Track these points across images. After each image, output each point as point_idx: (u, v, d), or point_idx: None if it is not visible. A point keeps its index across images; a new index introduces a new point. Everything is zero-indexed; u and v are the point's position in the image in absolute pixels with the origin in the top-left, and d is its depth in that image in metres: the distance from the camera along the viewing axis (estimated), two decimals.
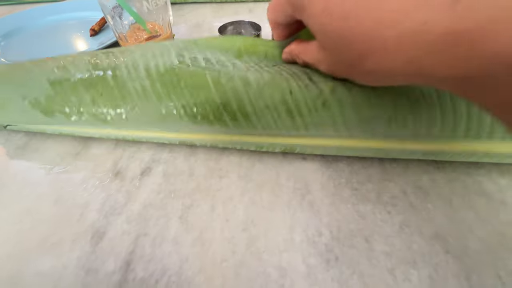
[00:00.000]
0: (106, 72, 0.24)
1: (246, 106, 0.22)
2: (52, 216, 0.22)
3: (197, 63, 0.23)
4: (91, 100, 0.24)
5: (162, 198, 0.23)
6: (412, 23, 0.13)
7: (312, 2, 0.17)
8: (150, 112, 0.24)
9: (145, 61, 0.23)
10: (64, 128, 0.27)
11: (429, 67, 0.13)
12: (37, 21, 0.47)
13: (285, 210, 0.22)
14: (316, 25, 0.17)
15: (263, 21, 0.47)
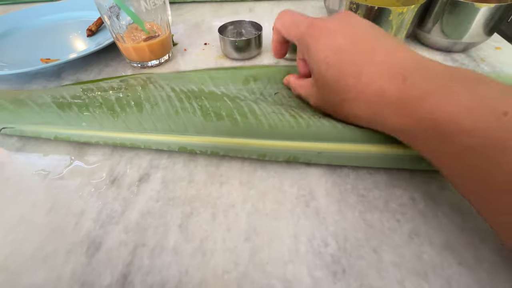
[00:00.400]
0: (136, 86, 0.28)
1: (256, 110, 0.24)
2: (47, 225, 0.21)
3: (215, 93, 0.28)
4: (116, 98, 0.26)
5: (161, 206, 0.22)
6: (378, 88, 0.19)
7: (317, 49, 0.22)
8: (167, 110, 0.25)
9: (171, 87, 0.28)
10: (60, 131, 0.26)
11: (386, 119, 0.19)
12: (32, 21, 0.46)
13: (289, 218, 0.21)
14: (315, 67, 0.22)
15: (264, 20, 0.46)
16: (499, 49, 0.37)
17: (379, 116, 0.19)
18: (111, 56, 0.39)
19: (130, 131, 0.25)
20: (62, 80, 0.36)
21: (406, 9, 0.31)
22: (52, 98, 0.26)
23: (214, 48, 0.40)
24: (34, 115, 0.26)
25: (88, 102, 0.26)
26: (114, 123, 0.25)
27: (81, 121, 0.26)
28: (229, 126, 0.24)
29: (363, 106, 0.20)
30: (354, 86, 0.20)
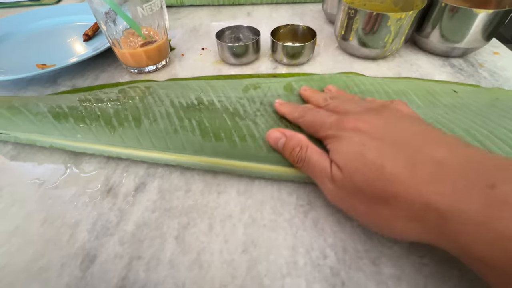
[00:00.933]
0: (135, 99, 0.27)
1: (255, 133, 0.24)
2: (41, 237, 0.21)
3: (214, 105, 0.28)
4: (114, 111, 0.26)
5: (157, 217, 0.21)
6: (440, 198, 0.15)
7: (349, 144, 0.18)
8: (166, 127, 0.25)
9: (170, 98, 0.28)
10: (55, 141, 0.25)
11: (461, 242, 0.14)
12: (28, 26, 0.46)
13: (287, 229, 0.20)
14: (344, 163, 0.18)
15: (262, 24, 0.46)
16: (497, 54, 0.37)
17: (447, 237, 0.14)
18: (108, 61, 0.39)
19: (126, 146, 0.24)
20: (58, 86, 0.35)
21: (405, 15, 0.31)
22: (48, 108, 0.26)
23: (212, 53, 0.40)
24: (29, 124, 0.25)
25: (85, 113, 0.26)
26: (110, 137, 0.25)
27: (76, 133, 0.25)
28: (227, 147, 0.24)
29: (411, 221, 0.15)
30: (399, 192, 0.15)
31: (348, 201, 0.18)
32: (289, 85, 0.31)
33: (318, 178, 0.19)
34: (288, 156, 0.22)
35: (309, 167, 0.20)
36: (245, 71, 0.36)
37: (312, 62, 0.37)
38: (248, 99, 0.29)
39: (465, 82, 0.33)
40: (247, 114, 0.27)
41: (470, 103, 0.28)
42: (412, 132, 0.18)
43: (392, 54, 0.37)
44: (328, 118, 0.21)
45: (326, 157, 0.19)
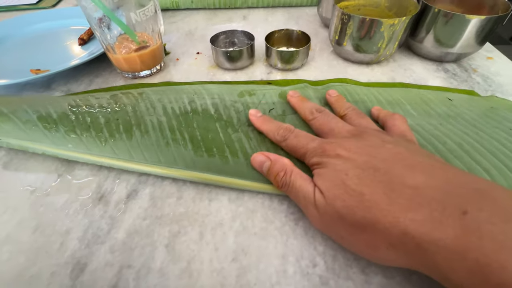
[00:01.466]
0: (126, 106, 0.27)
1: (247, 149, 0.25)
2: (32, 245, 0.21)
3: (208, 112, 0.28)
4: (105, 121, 0.26)
5: (148, 225, 0.21)
6: (413, 224, 0.15)
7: (332, 170, 0.19)
8: (157, 140, 0.25)
9: (162, 104, 0.28)
10: (47, 149, 0.25)
11: (440, 270, 0.14)
12: (23, 30, 0.46)
13: (277, 237, 0.20)
14: (327, 190, 0.18)
15: (257, 28, 0.46)
16: (490, 59, 0.37)
17: (426, 264, 0.15)
18: (103, 66, 0.39)
19: (117, 157, 0.24)
20: (52, 91, 0.35)
21: (398, 20, 0.31)
22: (37, 115, 0.26)
23: (207, 58, 0.40)
24: (19, 132, 0.25)
25: (75, 123, 0.25)
26: (101, 148, 0.25)
27: (67, 143, 0.25)
28: (219, 163, 0.24)
29: (391, 248, 0.15)
30: (378, 219, 0.15)
31: (330, 227, 0.18)
32: (284, 93, 0.31)
33: (302, 203, 0.20)
34: (272, 180, 0.22)
35: (293, 191, 0.20)
36: (240, 76, 0.36)
37: (307, 67, 0.37)
38: (243, 103, 0.29)
39: (459, 87, 0.33)
40: (240, 124, 0.27)
41: (464, 112, 0.28)
42: (394, 157, 0.18)
43: (386, 59, 0.37)
44: (311, 143, 0.21)
45: (310, 181, 0.20)
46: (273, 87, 0.32)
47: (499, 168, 0.22)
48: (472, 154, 0.23)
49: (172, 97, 0.30)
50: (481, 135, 0.25)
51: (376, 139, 0.20)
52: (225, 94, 0.31)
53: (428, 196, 0.15)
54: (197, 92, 0.31)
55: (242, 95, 0.31)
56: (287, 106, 0.29)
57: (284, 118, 0.28)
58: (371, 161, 0.18)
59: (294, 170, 0.21)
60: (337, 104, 0.28)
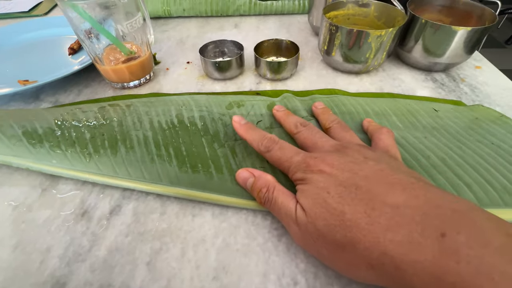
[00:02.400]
0: (113, 121, 0.27)
1: (232, 165, 0.25)
2: (11, 263, 0.20)
3: (195, 126, 0.28)
4: (90, 136, 0.26)
5: (130, 241, 0.21)
6: (391, 245, 0.15)
7: (314, 186, 0.18)
8: (142, 156, 0.25)
9: (149, 117, 0.28)
10: (32, 165, 0.25)
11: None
12: (13, 39, 0.45)
13: (259, 254, 0.20)
14: (308, 205, 0.18)
15: (248, 36, 0.46)
16: (479, 68, 0.37)
17: (404, 286, 0.14)
18: (92, 76, 0.39)
19: (101, 174, 0.24)
20: (40, 102, 0.35)
21: (385, 32, 0.31)
22: (22, 130, 0.26)
23: (197, 67, 0.40)
24: (3, 147, 0.25)
25: (60, 139, 0.25)
26: (85, 164, 0.25)
27: (52, 159, 0.25)
28: (203, 180, 0.24)
29: (371, 268, 0.15)
30: (358, 238, 0.15)
31: (312, 245, 0.18)
32: (272, 104, 0.31)
33: (284, 220, 0.20)
34: (256, 196, 0.22)
35: (275, 208, 0.20)
36: (229, 86, 0.36)
37: (296, 77, 0.37)
38: (231, 116, 0.29)
39: (447, 97, 0.33)
40: (227, 138, 0.27)
41: (449, 124, 0.28)
42: (375, 175, 0.18)
43: (375, 69, 0.38)
44: (295, 157, 0.21)
45: (292, 198, 0.20)
46: (262, 98, 0.32)
47: (480, 183, 0.22)
48: (455, 169, 0.23)
49: (160, 109, 0.30)
50: (464, 149, 0.25)
51: (358, 155, 0.20)
52: (214, 106, 0.31)
53: (408, 216, 0.15)
54: (185, 103, 0.31)
55: (230, 107, 0.31)
56: (275, 119, 0.29)
57: (271, 131, 0.28)
58: (352, 177, 0.18)
59: (276, 187, 0.21)
60: (322, 116, 0.28)
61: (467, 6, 0.36)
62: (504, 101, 0.32)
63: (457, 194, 0.22)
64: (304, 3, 0.53)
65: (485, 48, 0.37)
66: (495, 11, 0.33)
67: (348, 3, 0.38)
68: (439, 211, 0.15)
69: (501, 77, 0.36)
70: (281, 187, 0.21)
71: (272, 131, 0.28)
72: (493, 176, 0.23)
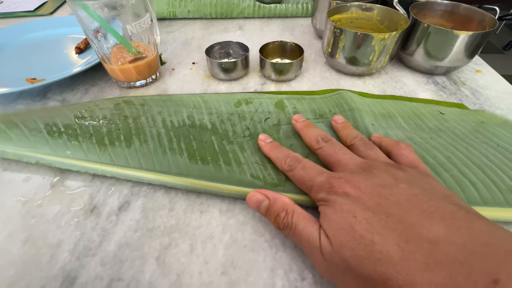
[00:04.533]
0: (128, 118, 0.28)
1: (240, 158, 0.25)
2: (22, 257, 0.21)
3: (205, 126, 0.29)
4: (107, 131, 0.27)
5: (139, 237, 0.22)
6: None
7: (338, 211, 0.17)
8: (155, 148, 0.26)
9: (162, 117, 0.29)
10: (42, 157, 0.26)
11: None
12: (21, 38, 0.46)
13: (267, 250, 0.21)
14: (333, 233, 0.16)
15: (252, 38, 0.47)
16: (479, 72, 0.38)
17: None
18: (99, 75, 0.39)
19: (113, 164, 0.25)
20: (48, 100, 0.35)
21: (388, 35, 0.32)
22: (44, 124, 0.27)
23: (202, 68, 0.40)
24: (22, 138, 0.26)
25: (78, 132, 0.26)
26: (99, 155, 0.25)
27: (67, 149, 0.26)
28: (212, 171, 0.24)
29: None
30: (390, 275, 0.14)
31: (338, 277, 0.16)
32: (280, 102, 0.31)
33: (306, 247, 0.18)
34: (272, 221, 0.20)
35: (296, 235, 0.18)
36: (234, 86, 0.37)
37: (300, 78, 0.38)
38: (239, 115, 0.30)
39: (448, 100, 0.34)
40: (236, 136, 0.27)
41: (456, 126, 0.28)
42: (409, 201, 0.16)
43: (378, 71, 0.38)
44: (318, 177, 0.20)
45: (315, 222, 0.18)
46: (270, 96, 0.33)
47: (485, 182, 0.23)
48: (461, 167, 0.24)
49: (172, 109, 0.31)
50: (470, 150, 0.25)
51: (388, 176, 0.18)
52: (223, 105, 0.31)
53: (450, 254, 0.13)
54: (196, 105, 0.31)
55: (239, 104, 0.31)
56: (283, 115, 0.30)
57: (279, 128, 0.29)
58: (383, 204, 0.16)
59: (296, 210, 0.19)
60: (343, 132, 0.26)
61: (468, 11, 0.37)
62: (505, 104, 0.33)
63: (462, 192, 0.22)
64: (308, 6, 0.53)
65: (483, 53, 0.38)
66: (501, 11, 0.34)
67: (352, 7, 0.39)
68: (488, 251, 0.13)
69: (501, 81, 0.37)
70: (301, 210, 0.19)
71: (280, 129, 0.28)
72: (498, 176, 0.23)
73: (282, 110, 0.31)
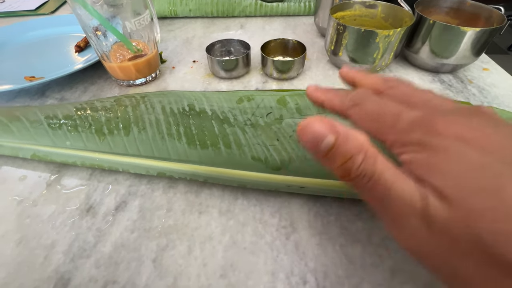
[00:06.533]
0: (127, 107, 0.28)
1: (241, 140, 0.24)
2: (15, 258, 0.20)
3: (205, 112, 0.27)
4: (106, 120, 0.26)
5: (136, 238, 0.21)
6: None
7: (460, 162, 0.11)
8: (154, 135, 0.25)
9: (162, 105, 0.28)
10: (39, 148, 0.25)
11: None
12: (21, 36, 0.46)
13: (268, 252, 0.20)
14: (454, 191, 0.11)
15: (254, 37, 0.46)
16: (486, 70, 0.37)
17: None
18: (98, 73, 0.39)
19: (112, 153, 0.24)
20: (46, 98, 0.35)
21: (392, 32, 0.31)
22: (44, 115, 0.27)
23: (203, 66, 0.40)
24: (23, 131, 0.26)
25: (78, 122, 0.26)
26: (98, 144, 0.25)
27: (66, 140, 0.25)
28: (212, 155, 0.23)
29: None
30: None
31: (450, 258, 0.11)
32: (282, 98, 0.31)
33: (394, 210, 0.12)
34: (338, 167, 0.13)
35: (379, 190, 0.12)
36: (235, 85, 0.36)
37: (302, 76, 0.37)
38: (241, 109, 0.29)
39: (455, 98, 0.33)
40: (237, 122, 0.27)
41: None
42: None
43: (382, 69, 0.37)
44: (407, 111, 0.13)
45: (408, 175, 0.12)
46: (272, 93, 0.32)
47: None
48: None
49: (172, 99, 0.30)
50: None
51: (487, 121, 0.12)
52: (224, 101, 0.31)
53: None
54: (197, 98, 0.31)
55: (241, 101, 0.31)
56: (285, 111, 0.29)
57: (281, 121, 0.28)
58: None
59: (379, 156, 0.13)
60: (366, 80, 0.18)
61: (474, 8, 0.36)
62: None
63: None
64: (310, 4, 0.53)
65: (488, 54, 0.36)
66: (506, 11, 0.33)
67: (355, 4, 0.38)
68: None
69: (510, 79, 0.36)
70: (385, 158, 0.13)
71: (282, 122, 0.27)
72: None
73: (284, 106, 0.30)
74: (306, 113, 0.29)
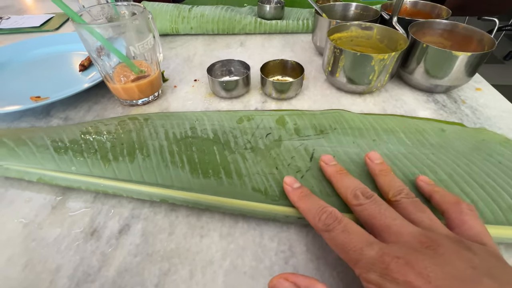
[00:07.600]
0: (131, 132, 0.29)
1: (242, 169, 0.26)
2: (21, 283, 0.21)
3: (207, 135, 0.29)
4: (111, 145, 0.27)
5: (139, 262, 0.22)
6: None
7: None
8: (158, 163, 0.26)
9: (165, 129, 0.30)
10: (45, 173, 0.26)
11: None
12: (25, 55, 0.47)
13: (267, 277, 0.20)
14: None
15: (254, 55, 0.47)
16: (479, 90, 0.38)
17: None
18: (102, 92, 0.40)
19: (116, 179, 0.25)
20: (51, 118, 0.36)
21: (387, 56, 0.32)
22: (51, 140, 0.28)
23: (204, 85, 0.41)
24: (29, 155, 0.27)
25: (84, 147, 0.27)
26: (103, 170, 0.26)
27: (72, 165, 0.26)
28: (214, 184, 0.24)
29: None
30: None
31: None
32: (281, 118, 0.32)
33: None
34: None
35: None
36: (235, 104, 0.37)
37: (301, 96, 0.38)
38: (241, 130, 0.30)
39: (448, 119, 0.34)
40: (237, 147, 0.28)
41: (457, 143, 0.28)
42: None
43: (378, 89, 0.38)
44: (368, 249, 0.16)
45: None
46: (271, 113, 0.33)
47: (486, 201, 0.23)
48: (462, 185, 0.24)
49: (174, 122, 0.31)
50: (471, 167, 0.25)
51: (462, 263, 0.14)
52: (225, 121, 0.32)
53: None
54: (198, 118, 0.32)
55: (241, 121, 0.32)
56: (284, 132, 0.30)
57: (280, 143, 0.29)
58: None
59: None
60: (383, 179, 0.21)
61: (467, 31, 0.37)
62: (505, 123, 0.33)
63: None
64: (308, 23, 0.54)
65: (484, 64, 0.38)
66: (493, 28, 0.34)
67: (352, 26, 0.40)
68: None
69: (501, 99, 0.37)
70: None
71: (281, 144, 0.28)
72: (499, 194, 0.23)
73: (283, 126, 0.31)
74: (304, 134, 0.30)
